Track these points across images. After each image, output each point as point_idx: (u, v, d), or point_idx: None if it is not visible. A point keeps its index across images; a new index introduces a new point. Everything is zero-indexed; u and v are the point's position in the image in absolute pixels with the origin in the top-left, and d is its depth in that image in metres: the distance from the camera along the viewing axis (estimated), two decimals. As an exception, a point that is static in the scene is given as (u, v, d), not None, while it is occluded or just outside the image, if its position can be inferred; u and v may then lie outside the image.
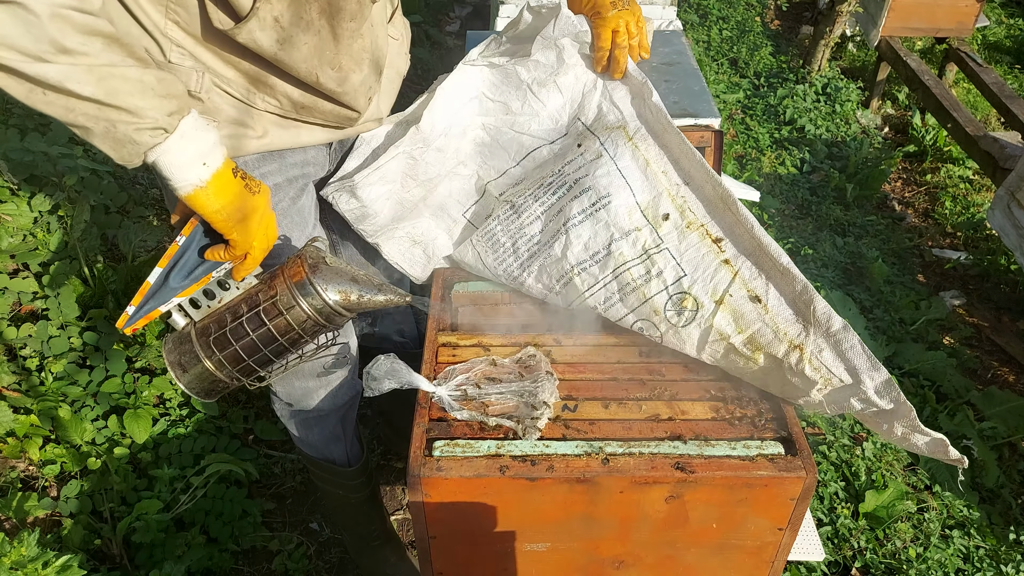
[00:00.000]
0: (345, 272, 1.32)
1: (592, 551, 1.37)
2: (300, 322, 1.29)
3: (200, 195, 1.15)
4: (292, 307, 1.28)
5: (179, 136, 1.11)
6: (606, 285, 1.47)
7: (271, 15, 1.18)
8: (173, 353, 1.32)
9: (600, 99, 1.68)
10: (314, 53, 1.27)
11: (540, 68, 1.69)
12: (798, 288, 1.36)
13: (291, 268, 1.29)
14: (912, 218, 3.87)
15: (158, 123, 1.08)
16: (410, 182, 1.71)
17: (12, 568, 1.56)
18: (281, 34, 1.21)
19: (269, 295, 1.29)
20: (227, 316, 1.30)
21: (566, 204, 1.53)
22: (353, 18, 1.29)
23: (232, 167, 1.19)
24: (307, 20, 1.23)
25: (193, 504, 2.09)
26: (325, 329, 1.34)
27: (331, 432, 1.80)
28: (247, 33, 1.18)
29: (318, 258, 1.30)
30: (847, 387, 1.29)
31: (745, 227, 1.44)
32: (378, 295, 1.33)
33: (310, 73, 1.29)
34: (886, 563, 2.23)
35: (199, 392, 1.34)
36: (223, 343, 1.29)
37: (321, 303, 1.28)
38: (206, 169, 1.14)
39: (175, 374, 1.31)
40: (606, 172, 1.53)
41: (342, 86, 1.36)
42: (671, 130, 1.56)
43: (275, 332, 1.29)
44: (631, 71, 1.65)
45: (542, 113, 1.70)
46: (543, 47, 1.71)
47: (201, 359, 1.30)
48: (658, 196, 1.50)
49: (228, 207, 1.18)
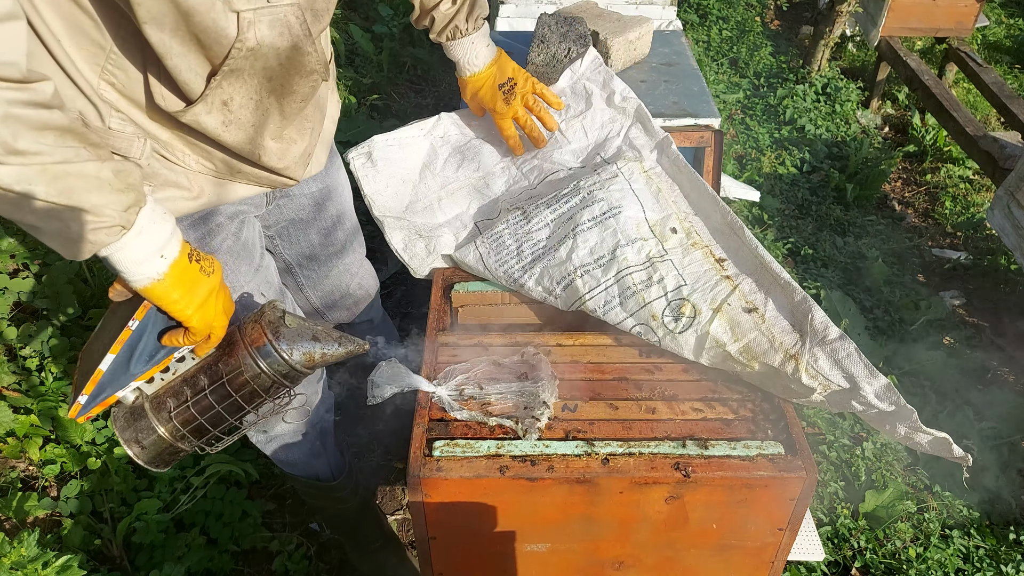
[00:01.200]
0: (306, 330, 1.28)
1: (592, 552, 1.36)
2: (264, 387, 1.26)
3: (157, 288, 1.10)
4: (257, 375, 1.24)
5: (137, 232, 1.05)
6: (607, 288, 1.47)
7: (220, 99, 1.14)
8: (128, 431, 1.25)
9: (621, 143, 1.83)
10: (258, 132, 1.24)
11: (570, 111, 1.91)
12: (797, 299, 1.38)
13: (251, 333, 1.25)
14: (912, 218, 3.87)
15: (115, 221, 1.01)
16: (427, 174, 1.82)
17: (12, 568, 1.56)
18: (227, 117, 1.18)
19: (231, 365, 1.24)
20: (186, 389, 1.25)
21: (577, 212, 1.58)
22: (304, 99, 1.28)
23: (188, 251, 1.13)
24: (256, 100, 1.19)
25: (193, 505, 2.09)
26: (287, 387, 1.32)
27: (311, 448, 1.79)
28: (192, 115, 1.14)
29: (277, 321, 1.27)
30: (847, 390, 1.29)
31: (749, 248, 1.50)
32: (339, 348, 1.30)
33: (252, 152, 1.26)
34: (886, 563, 2.23)
35: (159, 465, 1.29)
36: (186, 418, 1.25)
37: (286, 367, 1.25)
38: (163, 261, 1.09)
39: (132, 451, 1.25)
40: (619, 188, 1.61)
41: (282, 160, 1.33)
42: (686, 171, 1.68)
43: (241, 401, 1.26)
44: (654, 128, 1.83)
45: (565, 148, 1.86)
46: (573, 91, 1.96)
47: (161, 434, 1.25)
48: (667, 217, 1.57)
49: (186, 296, 1.12)
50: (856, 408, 1.31)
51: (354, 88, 3.93)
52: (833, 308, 3.00)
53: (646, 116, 1.86)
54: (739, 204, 3.62)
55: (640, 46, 2.44)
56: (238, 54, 1.10)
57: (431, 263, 1.69)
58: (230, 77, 1.13)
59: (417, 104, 3.92)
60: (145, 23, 1.00)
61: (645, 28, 2.41)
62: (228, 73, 1.12)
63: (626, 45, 2.36)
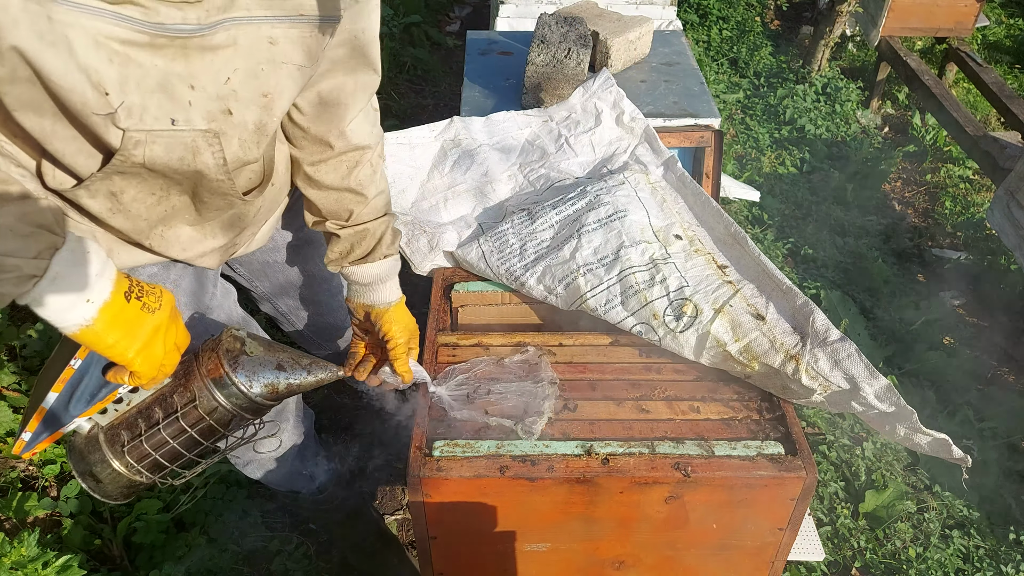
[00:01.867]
0: (269, 360, 1.17)
1: (592, 551, 1.36)
2: (224, 422, 1.17)
3: (88, 334, 0.96)
4: (214, 409, 1.15)
5: (51, 280, 0.91)
6: (609, 287, 1.48)
7: (108, 189, 1.02)
8: (82, 463, 1.15)
9: (628, 159, 1.87)
10: (157, 223, 1.12)
11: (579, 127, 1.97)
12: (799, 303, 1.39)
13: (207, 363, 1.15)
14: (912, 218, 3.87)
15: (22, 271, 0.88)
16: (435, 174, 1.85)
17: (12, 568, 1.56)
18: (115, 205, 1.05)
19: (186, 398, 1.14)
20: (140, 422, 1.14)
21: (583, 214, 1.60)
22: (219, 209, 1.16)
23: (124, 289, 0.99)
24: (160, 196, 1.08)
25: (193, 505, 2.09)
26: (251, 420, 1.22)
27: (290, 469, 1.77)
28: (74, 194, 1.02)
29: (237, 350, 1.16)
30: (847, 391, 1.29)
31: (752, 256, 1.52)
32: (307, 377, 1.21)
33: (142, 240, 1.14)
34: (886, 563, 2.23)
35: (117, 497, 1.20)
36: (141, 453, 1.15)
37: (245, 401, 1.16)
38: (91, 306, 0.95)
39: (87, 485, 1.15)
40: (626, 194, 1.63)
41: (187, 252, 1.20)
42: (691, 186, 1.72)
43: (198, 436, 1.16)
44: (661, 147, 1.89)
45: (572, 160, 1.91)
46: (583, 108, 2.01)
47: (116, 469, 1.14)
48: (671, 224, 1.60)
49: (124, 339, 0.99)
50: (856, 409, 1.31)
51: (354, 88, 3.92)
52: (833, 308, 2.99)
53: (654, 136, 1.90)
54: (739, 204, 3.62)
55: (640, 46, 2.44)
56: (123, 164, 0.97)
57: (432, 259, 1.69)
58: (121, 176, 1.00)
59: (417, 104, 3.92)
60: (16, 111, 0.88)
61: (645, 28, 2.41)
62: (117, 173, 0.99)
63: (626, 45, 2.36)
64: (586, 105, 2.02)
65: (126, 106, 0.90)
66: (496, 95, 2.31)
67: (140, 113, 0.92)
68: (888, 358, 2.89)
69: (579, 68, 2.10)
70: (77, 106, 0.88)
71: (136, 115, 0.92)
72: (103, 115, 0.90)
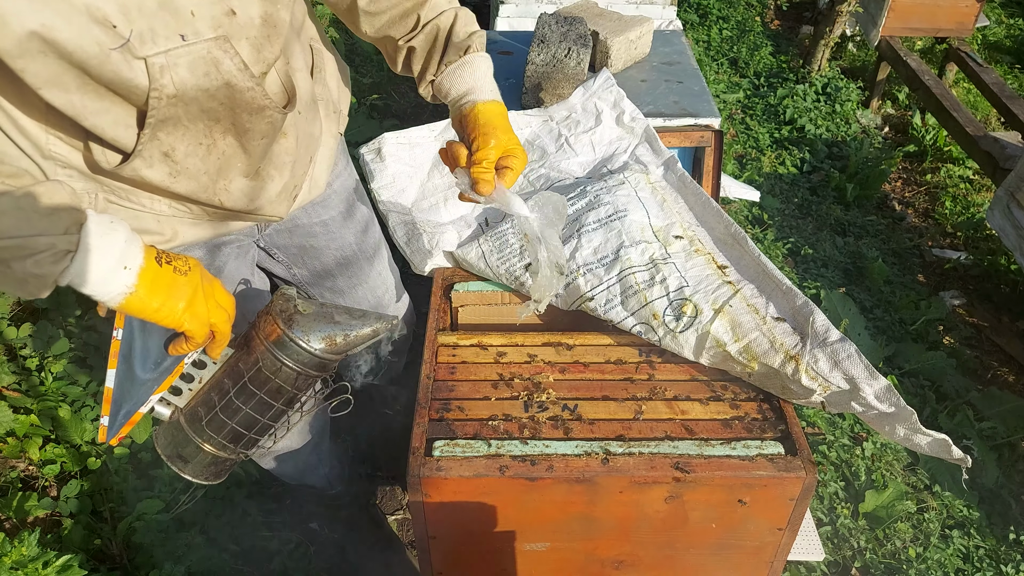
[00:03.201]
0: (323, 315, 1.20)
1: (592, 551, 1.37)
2: (292, 381, 1.19)
3: (133, 301, 1.01)
4: (279, 369, 1.17)
5: (84, 252, 0.95)
6: (609, 287, 1.48)
7: (159, 151, 1.04)
8: (169, 447, 1.21)
9: (628, 159, 1.86)
10: (217, 177, 1.14)
11: (579, 127, 1.96)
12: (799, 303, 1.39)
13: (265, 327, 1.18)
14: (912, 218, 3.87)
15: (56, 247, 0.92)
16: (436, 173, 1.88)
17: (12, 568, 1.56)
18: (173, 168, 1.07)
19: (251, 362, 1.18)
20: (214, 396, 1.19)
21: (583, 214, 1.60)
22: (264, 136, 1.15)
23: (154, 255, 1.04)
24: (208, 144, 1.09)
25: (193, 505, 2.09)
26: (319, 378, 1.25)
27: (305, 463, 1.77)
28: (132, 171, 1.04)
29: (290, 309, 1.19)
30: (847, 392, 1.29)
31: (752, 257, 1.51)
32: (363, 328, 1.21)
33: (211, 200, 1.16)
34: (886, 563, 2.23)
35: (208, 477, 1.25)
36: (218, 425, 1.19)
37: (307, 356, 1.18)
38: (129, 273, 0.99)
39: (176, 468, 1.21)
40: (626, 194, 1.63)
41: (254, 201, 1.22)
42: (691, 186, 1.72)
43: (269, 399, 1.20)
44: (661, 148, 1.86)
45: (573, 159, 1.90)
46: (583, 107, 2.01)
47: (200, 445, 1.20)
48: (671, 224, 1.59)
49: (168, 301, 1.03)
50: (856, 409, 1.31)
51: (354, 88, 3.93)
52: (833, 308, 2.99)
53: (654, 137, 1.90)
54: (739, 204, 3.62)
55: (640, 46, 2.44)
56: (159, 104, 0.97)
57: (433, 259, 1.70)
58: (164, 128, 1.02)
59: (417, 104, 3.92)
60: (41, 89, 0.89)
61: (645, 28, 2.41)
62: (159, 124, 1.00)
63: (626, 45, 2.36)
64: (586, 105, 2.02)
65: (136, 33, 0.90)
66: (496, 95, 2.31)
67: (151, 37, 0.92)
68: (888, 358, 2.89)
69: (579, 68, 2.10)
70: (93, 52, 0.87)
71: (148, 40, 0.92)
72: (119, 48, 0.89)
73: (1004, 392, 2.75)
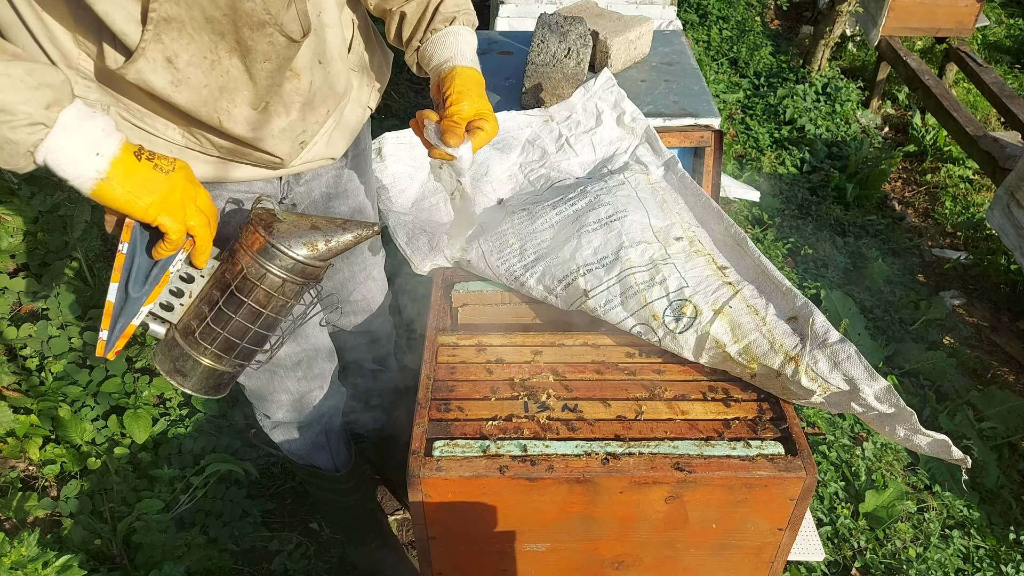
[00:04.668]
0: (303, 222, 1.24)
1: (592, 551, 1.37)
2: (277, 288, 1.22)
3: (104, 187, 1.05)
4: (264, 275, 1.21)
5: (61, 129, 1.01)
6: (609, 288, 1.47)
7: (163, 55, 1.08)
8: (166, 362, 1.25)
9: (629, 159, 1.86)
10: (219, 95, 1.16)
11: (580, 127, 1.97)
12: (798, 304, 1.39)
13: (248, 237, 1.22)
14: (912, 218, 3.87)
15: (33, 118, 0.98)
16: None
17: (12, 568, 1.56)
18: (175, 75, 1.10)
19: (236, 271, 1.21)
20: (203, 308, 1.23)
21: (583, 214, 1.60)
22: (267, 59, 1.17)
23: (134, 150, 1.08)
24: (212, 60, 1.12)
25: (193, 504, 2.09)
26: (307, 286, 1.28)
27: (313, 441, 1.78)
28: (135, 73, 1.08)
29: (270, 218, 1.22)
30: (847, 392, 1.29)
31: (752, 258, 1.51)
32: (345, 234, 1.25)
33: (211, 117, 1.18)
34: (886, 563, 2.23)
35: (207, 390, 1.28)
36: (211, 335, 1.22)
37: (291, 262, 1.21)
38: (101, 159, 1.04)
39: (176, 382, 1.25)
40: (626, 195, 1.63)
41: (257, 131, 1.24)
42: (692, 187, 1.72)
43: (257, 306, 1.22)
44: (661, 148, 1.86)
45: (573, 160, 1.90)
46: (584, 108, 2.01)
47: (196, 359, 1.23)
48: (671, 225, 1.59)
49: (139, 192, 1.07)
50: (856, 410, 1.31)
51: (354, 88, 3.92)
52: (833, 308, 2.99)
53: (654, 137, 1.90)
54: (739, 204, 3.62)
55: (640, 46, 2.44)
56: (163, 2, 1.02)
57: (433, 259, 1.69)
58: (168, 31, 1.05)
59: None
60: None
61: (645, 28, 2.41)
62: (162, 23, 1.04)
63: (626, 45, 2.36)
64: (587, 105, 2.02)
65: None
66: (496, 95, 2.31)
67: None
68: (888, 358, 2.89)
69: (579, 68, 2.10)
70: None
71: None
72: None
73: (1004, 392, 2.75)
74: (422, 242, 1.69)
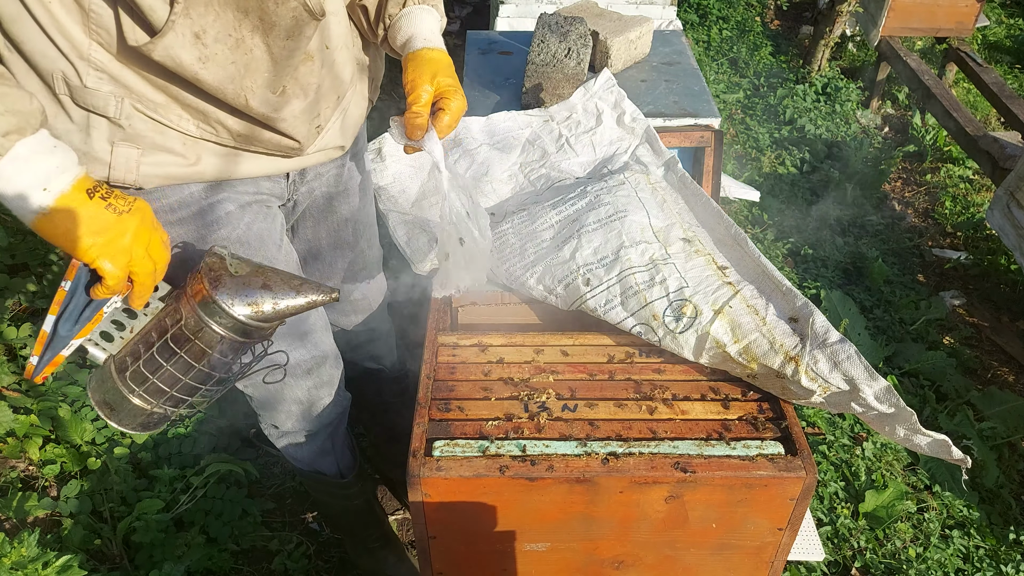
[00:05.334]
0: (254, 279, 1.16)
1: (592, 551, 1.37)
2: (215, 343, 1.15)
3: (44, 224, 1.02)
4: (200, 329, 1.13)
5: (11, 160, 0.98)
6: (609, 288, 1.47)
7: (191, 31, 1.06)
8: (97, 392, 1.19)
9: (629, 159, 1.87)
10: (244, 73, 1.15)
11: (580, 127, 1.97)
12: (798, 304, 1.39)
13: (193, 285, 1.15)
14: (912, 218, 3.87)
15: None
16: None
17: (12, 568, 1.56)
18: (203, 52, 1.09)
19: (175, 319, 1.15)
20: (140, 347, 1.17)
21: (583, 214, 1.60)
22: (289, 36, 1.16)
23: (88, 187, 1.05)
24: (236, 38, 1.11)
25: (193, 504, 2.09)
26: (247, 345, 1.20)
27: (319, 448, 1.77)
28: (163, 50, 1.05)
29: (220, 269, 1.15)
30: (846, 392, 1.29)
31: (752, 258, 1.51)
32: (297, 298, 1.17)
33: (238, 96, 1.16)
34: (886, 563, 2.23)
35: (135, 427, 1.22)
36: (141, 378, 1.16)
37: (231, 321, 1.13)
38: (47, 195, 1.01)
39: (103, 414, 1.19)
40: (626, 195, 1.63)
41: (278, 112, 1.23)
42: (692, 187, 1.72)
43: (191, 359, 1.16)
44: (662, 148, 1.86)
45: (573, 160, 1.90)
46: (584, 108, 2.02)
47: (125, 396, 1.17)
48: (671, 225, 1.59)
49: (82, 232, 1.03)
50: (856, 410, 1.31)
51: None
52: (833, 308, 2.99)
53: (654, 137, 1.90)
54: (739, 204, 3.62)
55: (640, 46, 2.44)
56: None
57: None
58: (195, 4, 1.04)
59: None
60: None
61: (645, 28, 2.41)
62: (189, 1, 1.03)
63: (626, 45, 2.36)
64: (587, 105, 2.03)
65: None
66: (496, 95, 2.31)
67: None
68: (888, 358, 2.89)
69: (579, 68, 2.10)
70: None
71: None
72: None
73: (1004, 392, 2.75)
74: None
